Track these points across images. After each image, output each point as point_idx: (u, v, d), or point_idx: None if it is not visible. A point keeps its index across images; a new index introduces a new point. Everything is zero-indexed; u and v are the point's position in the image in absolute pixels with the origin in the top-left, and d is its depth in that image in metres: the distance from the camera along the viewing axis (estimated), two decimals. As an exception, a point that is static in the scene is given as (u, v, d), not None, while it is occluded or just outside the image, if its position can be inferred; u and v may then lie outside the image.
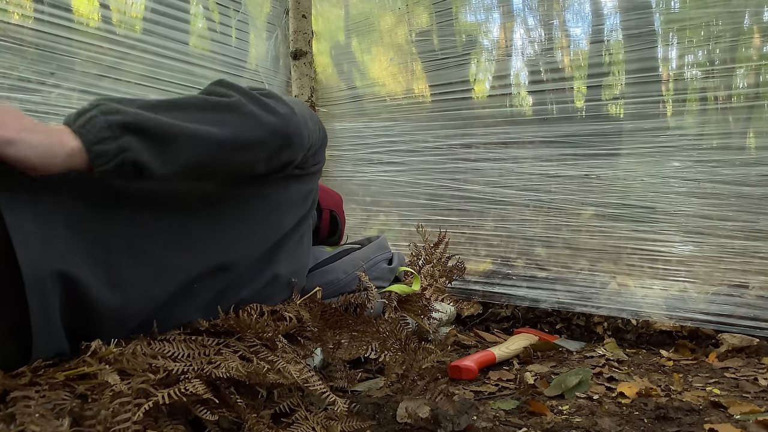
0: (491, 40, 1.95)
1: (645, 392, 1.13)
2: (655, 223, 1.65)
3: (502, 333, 1.76)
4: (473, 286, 1.89)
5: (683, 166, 1.61)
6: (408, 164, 2.05)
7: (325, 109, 2.27)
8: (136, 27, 1.76)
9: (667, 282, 1.63)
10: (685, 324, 1.57)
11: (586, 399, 1.11)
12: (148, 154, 0.66)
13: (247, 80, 2.10)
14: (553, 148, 1.79)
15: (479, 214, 1.92)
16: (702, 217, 1.58)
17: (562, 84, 1.80)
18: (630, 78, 1.69)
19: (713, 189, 1.57)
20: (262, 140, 0.77)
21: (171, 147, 0.67)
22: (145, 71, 1.75)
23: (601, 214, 1.73)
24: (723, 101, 1.59)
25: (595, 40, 1.74)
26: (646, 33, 1.65)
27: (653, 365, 1.39)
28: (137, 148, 0.65)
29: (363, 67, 2.24)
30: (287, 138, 0.82)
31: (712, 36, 1.58)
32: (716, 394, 1.14)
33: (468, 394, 1.15)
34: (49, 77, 1.53)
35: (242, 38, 2.10)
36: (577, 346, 1.59)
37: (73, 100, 1.59)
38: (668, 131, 1.63)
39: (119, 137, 0.64)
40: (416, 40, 2.05)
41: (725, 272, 1.56)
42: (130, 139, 0.64)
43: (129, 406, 0.64)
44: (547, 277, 1.80)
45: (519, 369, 1.35)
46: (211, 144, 0.70)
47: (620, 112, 1.73)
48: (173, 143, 0.67)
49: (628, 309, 1.65)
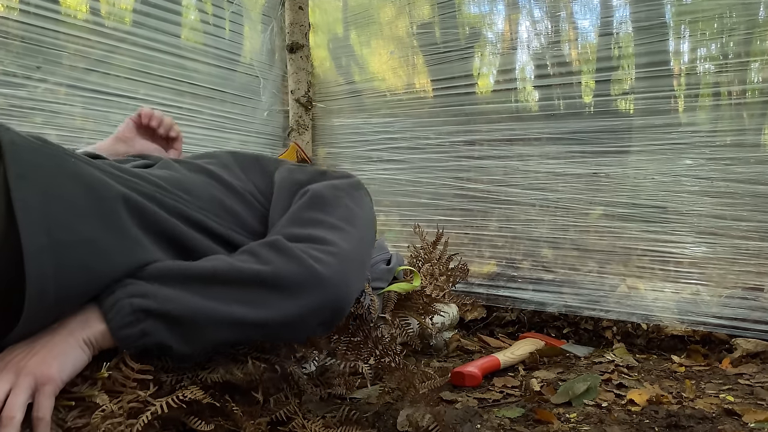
0: (496, 33, 1.95)
1: (656, 399, 1.13)
2: (666, 224, 1.65)
3: (506, 338, 1.76)
4: (477, 289, 1.89)
5: (696, 164, 1.61)
6: (409, 162, 2.05)
7: (323, 104, 2.27)
8: (125, 19, 1.76)
9: (679, 285, 1.63)
10: (698, 328, 1.57)
11: (594, 406, 1.12)
12: (173, 338, 0.69)
13: (241, 74, 2.11)
14: (560, 145, 1.79)
15: (483, 214, 1.92)
16: (715, 217, 1.58)
17: (569, 78, 1.80)
18: (640, 72, 1.69)
19: (727, 188, 1.57)
20: (296, 319, 0.74)
21: (197, 332, 0.69)
22: (135, 65, 1.75)
23: (610, 214, 1.73)
24: (737, 96, 1.59)
25: (604, 32, 1.74)
26: (657, 25, 1.65)
27: (664, 371, 1.39)
28: (160, 332, 0.68)
29: (362, 60, 2.24)
30: (327, 314, 0.79)
31: (725, 28, 1.58)
32: (730, 402, 1.14)
33: (471, 401, 1.15)
34: (35, 71, 1.53)
35: (236, 31, 2.10)
36: (585, 351, 1.59)
37: (60, 95, 1.59)
38: (680, 128, 1.63)
39: (142, 321, 0.67)
40: (417, 33, 2.05)
41: (739, 274, 1.56)
42: (154, 323, 0.68)
43: (121, 428, 0.65)
44: (553, 280, 1.80)
45: (524, 375, 1.35)
46: (241, 327, 0.71)
47: (630, 108, 1.73)
48: (200, 328, 0.69)
49: (638, 313, 1.65)
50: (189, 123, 1.91)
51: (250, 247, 0.77)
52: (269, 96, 2.22)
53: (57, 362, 0.64)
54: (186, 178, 0.88)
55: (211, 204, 0.85)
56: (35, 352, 0.64)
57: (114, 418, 0.65)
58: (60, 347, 0.65)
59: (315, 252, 0.76)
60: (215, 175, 0.92)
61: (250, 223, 0.90)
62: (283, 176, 0.95)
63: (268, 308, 0.72)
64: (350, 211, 0.86)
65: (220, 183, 0.91)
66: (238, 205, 0.90)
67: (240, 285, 0.72)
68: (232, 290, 0.71)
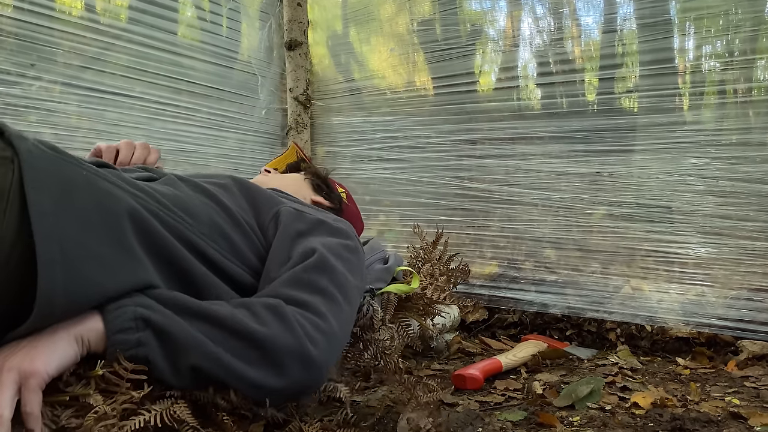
0: (497, 30, 1.95)
1: (660, 402, 1.13)
2: (671, 224, 1.65)
3: (508, 340, 1.76)
4: (478, 291, 1.89)
5: (701, 163, 1.61)
6: (409, 161, 2.05)
7: (322, 102, 2.28)
8: (121, 16, 1.76)
9: (684, 286, 1.63)
10: (703, 330, 1.57)
11: (597, 410, 1.12)
12: (161, 357, 0.71)
13: (239, 72, 2.11)
14: (563, 144, 1.79)
15: (485, 214, 1.92)
16: (721, 217, 1.58)
17: (572, 76, 1.80)
18: (644, 70, 1.69)
19: (732, 187, 1.57)
20: (274, 389, 0.77)
21: (185, 357, 0.71)
22: (130, 62, 1.75)
23: (613, 214, 1.73)
24: (743, 94, 1.59)
25: (608, 29, 1.74)
26: (661, 22, 1.65)
27: (669, 374, 1.39)
28: (153, 347, 0.70)
29: (362, 58, 2.24)
30: (303, 389, 0.82)
31: (731, 25, 1.58)
32: (736, 405, 1.14)
33: (473, 404, 1.15)
34: (29, 69, 1.53)
35: (234, 28, 2.10)
36: (589, 353, 1.59)
37: (55, 93, 1.60)
38: (685, 126, 1.63)
39: (141, 330, 0.70)
40: (418, 30, 2.05)
41: (745, 275, 1.56)
42: (150, 336, 0.70)
43: (114, 430, 0.65)
44: (556, 281, 1.80)
45: (527, 378, 1.35)
46: (224, 370, 0.73)
47: (634, 106, 1.73)
48: (188, 355, 0.71)
49: (642, 314, 1.65)
50: (186, 121, 1.91)
51: (251, 304, 0.79)
52: (267, 94, 2.22)
53: (42, 355, 0.64)
54: (189, 198, 0.90)
55: (210, 229, 0.89)
56: (21, 347, 0.65)
57: (107, 419, 0.65)
58: (47, 341, 0.66)
59: (309, 327, 0.79)
60: (217, 199, 0.95)
61: (246, 255, 0.94)
62: (285, 223, 0.98)
63: (252, 367, 0.74)
64: (345, 280, 0.90)
65: (221, 208, 0.94)
66: (237, 235, 0.93)
67: (234, 336, 0.74)
68: (226, 337, 0.74)
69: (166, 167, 1.20)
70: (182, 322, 0.72)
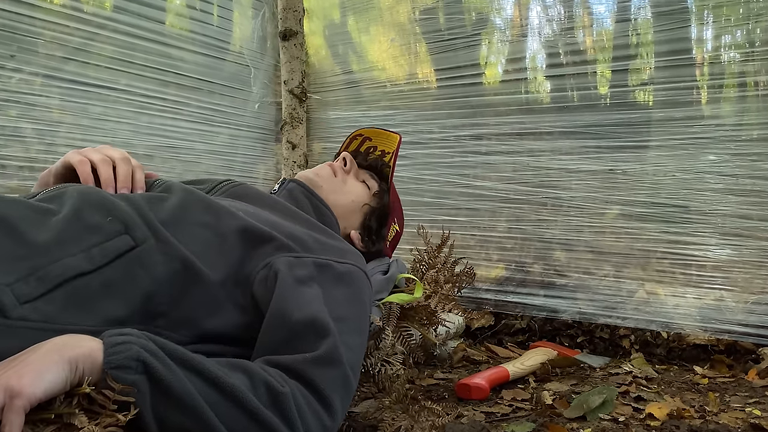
0: (504, 19, 1.95)
1: (677, 413, 1.13)
2: (688, 224, 1.65)
3: (516, 347, 1.77)
4: (484, 295, 1.89)
5: (720, 160, 1.61)
6: (411, 158, 2.05)
7: (318, 95, 2.28)
8: (105, 4, 1.76)
9: (702, 290, 1.63)
10: (722, 337, 1.57)
11: (610, 421, 1.12)
12: (149, 406, 0.71)
13: (230, 63, 2.11)
14: (574, 139, 1.79)
15: (491, 213, 1.92)
16: (741, 217, 1.58)
17: (583, 68, 1.80)
18: (660, 61, 1.69)
19: (753, 185, 1.57)
20: None
21: (173, 412, 0.72)
22: (115, 53, 1.75)
23: (627, 214, 1.73)
24: (764, 87, 1.59)
25: (621, 18, 1.74)
26: (677, 11, 1.65)
27: (686, 383, 1.39)
28: (144, 393, 0.70)
29: (360, 48, 2.24)
30: None
31: (752, 14, 1.58)
32: (756, 416, 1.14)
33: (478, 415, 1.16)
34: (8, 60, 1.53)
35: (225, 17, 2.10)
36: (601, 361, 1.59)
37: (36, 85, 1.59)
38: (703, 121, 1.63)
39: (139, 373, 0.70)
40: (420, 19, 2.05)
41: (767, 279, 1.56)
42: (146, 383, 0.70)
43: None
44: (566, 285, 1.80)
45: (535, 387, 1.35)
46: (205, 429, 0.73)
47: (649, 100, 1.73)
48: (178, 411, 0.72)
49: (657, 320, 1.65)
50: (174, 116, 1.91)
51: (252, 375, 0.78)
52: (260, 87, 2.22)
53: (31, 376, 0.65)
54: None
55: None
56: (13, 365, 0.66)
57: None
58: (39, 362, 0.67)
59: (311, 421, 0.78)
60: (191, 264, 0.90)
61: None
62: (284, 270, 0.93)
63: None
64: (358, 354, 0.89)
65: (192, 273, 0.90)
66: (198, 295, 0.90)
67: (238, 405, 0.74)
68: (226, 405, 0.74)
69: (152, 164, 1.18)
70: (182, 378, 0.72)
